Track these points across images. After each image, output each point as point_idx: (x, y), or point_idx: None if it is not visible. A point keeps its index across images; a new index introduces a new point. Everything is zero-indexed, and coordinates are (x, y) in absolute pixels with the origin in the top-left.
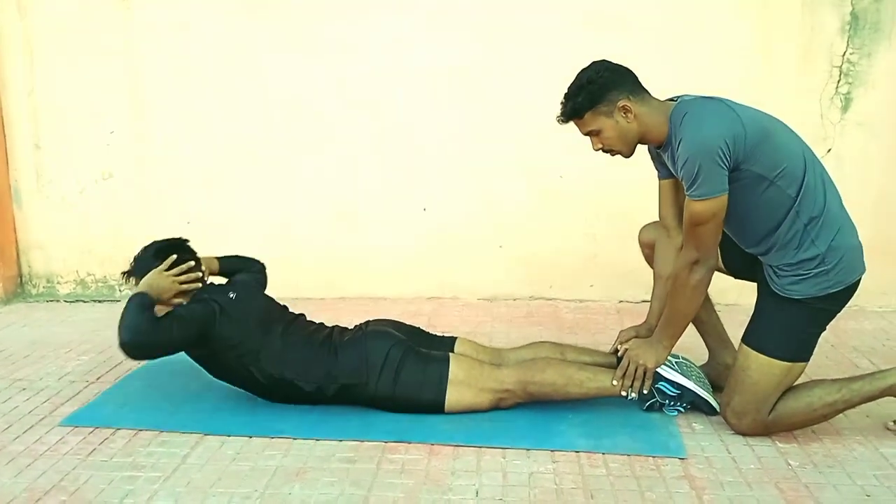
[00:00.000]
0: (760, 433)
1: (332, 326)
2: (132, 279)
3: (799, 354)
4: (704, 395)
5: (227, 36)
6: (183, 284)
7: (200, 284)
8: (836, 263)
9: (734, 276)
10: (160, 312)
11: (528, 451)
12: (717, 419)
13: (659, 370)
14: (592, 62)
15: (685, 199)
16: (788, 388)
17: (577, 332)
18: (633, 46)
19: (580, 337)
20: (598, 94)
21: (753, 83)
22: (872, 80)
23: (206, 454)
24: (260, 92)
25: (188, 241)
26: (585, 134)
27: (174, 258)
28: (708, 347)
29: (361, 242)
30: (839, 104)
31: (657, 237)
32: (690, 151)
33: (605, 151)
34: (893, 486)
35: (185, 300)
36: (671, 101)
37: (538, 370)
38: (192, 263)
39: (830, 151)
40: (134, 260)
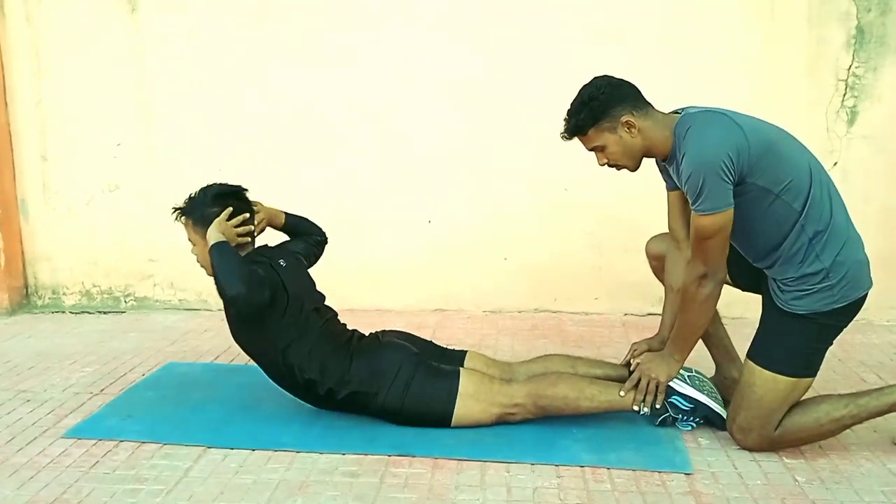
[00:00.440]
0: (767, 449)
1: (353, 331)
2: (184, 217)
3: (804, 370)
4: (717, 409)
5: (233, 46)
6: (240, 238)
7: (250, 239)
8: (840, 278)
9: (741, 288)
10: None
11: (532, 465)
12: (723, 434)
13: (671, 384)
14: (594, 78)
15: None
16: (795, 403)
17: (582, 345)
18: (639, 59)
19: (585, 350)
20: (600, 110)
21: (760, 96)
22: (878, 93)
23: (208, 467)
24: (266, 102)
25: (247, 190)
26: (590, 150)
27: (230, 209)
28: (714, 361)
29: (366, 254)
30: (845, 117)
31: (667, 249)
32: (694, 166)
33: (610, 166)
34: None
35: (240, 252)
36: (675, 113)
37: (549, 384)
38: (247, 215)
39: (837, 165)
40: (190, 198)
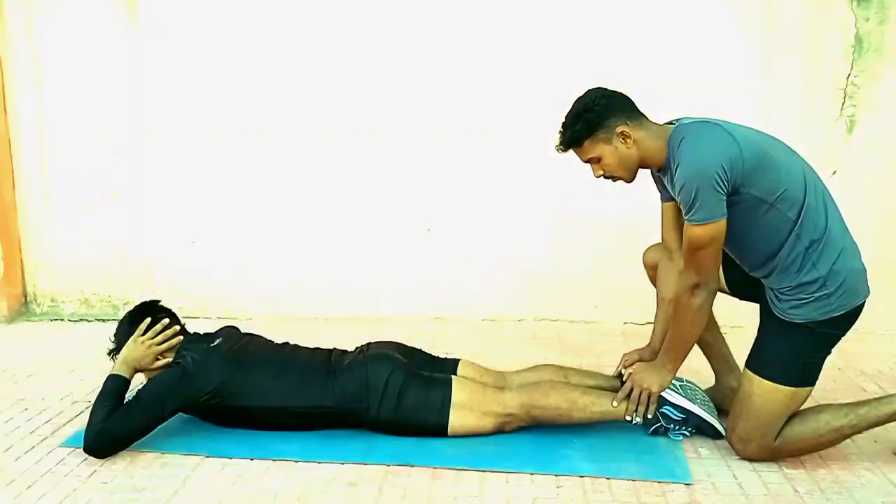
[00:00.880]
0: (767, 459)
1: (330, 349)
2: (118, 356)
3: (803, 379)
4: (709, 419)
5: (233, 57)
6: (162, 345)
7: (181, 337)
8: (837, 287)
9: (739, 298)
10: (150, 376)
11: (532, 475)
12: (723, 444)
13: (663, 394)
14: (588, 90)
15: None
16: (795, 413)
17: (581, 353)
18: (637, 68)
19: (585, 358)
20: (595, 121)
21: (759, 105)
22: (877, 102)
23: (207, 477)
24: (266, 112)
25: (158, 300)
26: (585, 161)
27: (147, 321)
28: (714, 370)
29: (365, 262)
30: (844, 126)
31: (660, 260)
32: (687, 176)
33: (606, 178)
34: None
35: (171, 357)
36: (669, 124)
37: (542, 394)
38: (166, 321)
39: (836, 174)
40: (114, 335)
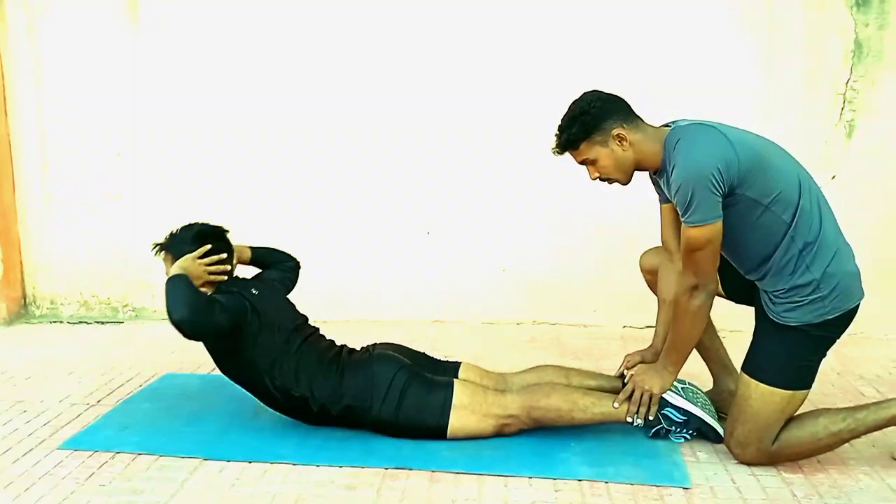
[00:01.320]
0: (765, 463)
1: (341, 346)
2: (164, 253)
3: (799, 382)
4: (711, 421)
5: (234, 58)
6: (211, 276)
7: (226, 278)
8: (831, 290)
9: (734, 301)
10: None
11: (530, 479)
12: (721, 448)
13: (665, 396)
14: (584, 93)
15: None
16: (792, 416)
17: (580, 357)
18: (637, 70)
19: (584, 362)
20: (591, 124)
21: (758, 110)
22: (877, 107)
23: (204, 479)
24: (266, 112)
25: (228, 231)
26: (581, 163)
27: (209, 247)
28: (712, 373)
29: (365, 265)
30: (843, 131)
31: (660, 261)
32: (683, 178)
33: (602, 180)
34: None
35: (209, 290)
36: (665, 126)
37: (543, 395)
38: (224, 256)
39: (835, 178)
40: (170, 235)
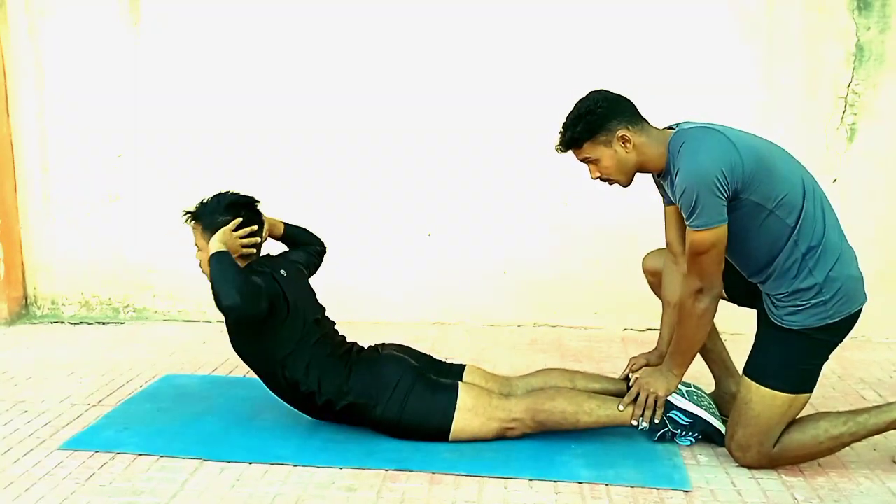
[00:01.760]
0: (766, 466)
1: (352, 343)
2: (194, 221)
3: (801, 386)
4: (716, 424)
5: (234, 58)
6: (243, 249)
7: (255, 251)
8: (834, 294)
9: (736, 304)
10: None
11: (530, 481)
12: (722, 451)
13: (670, 399)
14: (590, 92)
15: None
16: (793, 420)
17: (581, 359)
18: (637, 71)
19: (584, 365)
20: (596, 124)
21: (759, 113)
22: (878, 111)
23: (205, 480)
24: (266, 112)
25: (259, 202)
26: (582, 161)
27: (240, 221)
28: (714, 376)
29: (366, 266)
30: (845, 135)
31: (664, 264)
32: (687, 182)
33: (602, 180)
34: None
35: (241, 265)
36: (670, 129)
37: (548, 398)
38: (255, 228)
39: (836, 182)
40: (202, 203)
